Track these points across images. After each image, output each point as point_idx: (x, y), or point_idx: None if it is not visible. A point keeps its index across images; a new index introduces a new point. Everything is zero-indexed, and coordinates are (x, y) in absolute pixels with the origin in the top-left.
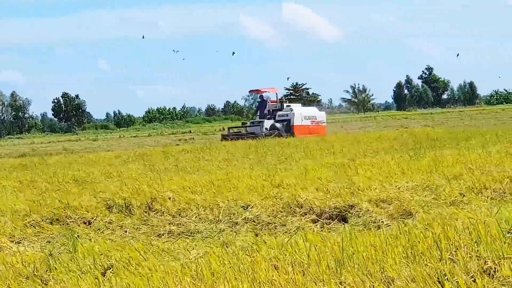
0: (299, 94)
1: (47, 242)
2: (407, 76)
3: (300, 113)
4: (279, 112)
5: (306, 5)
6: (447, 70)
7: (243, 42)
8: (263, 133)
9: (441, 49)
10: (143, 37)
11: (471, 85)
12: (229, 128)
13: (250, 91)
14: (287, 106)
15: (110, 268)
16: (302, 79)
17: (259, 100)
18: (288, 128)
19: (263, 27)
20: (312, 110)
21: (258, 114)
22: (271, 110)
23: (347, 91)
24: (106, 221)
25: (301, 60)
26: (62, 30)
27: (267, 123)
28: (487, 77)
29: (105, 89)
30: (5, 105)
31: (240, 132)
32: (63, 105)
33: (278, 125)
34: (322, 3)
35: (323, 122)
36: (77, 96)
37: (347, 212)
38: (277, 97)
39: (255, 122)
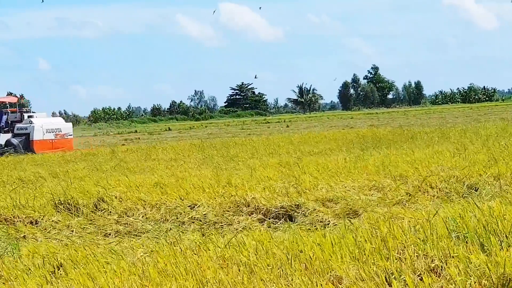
0: (244, 94)
1: None
2: (354, 74)
3: (41, 126)
4: (18, 125)
5: (242, 4)
6: (392, 70)
7: (182, 41)
8: None
9: (384, 49)
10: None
11: (418, 84)
12: None
13: None
14: (28, 117)
15: (59, 268)
16: (247, 79)
17: None
18: (27, 144)
19: (201, 27)
20: (56, 122)
21: None
22: (9, 122)
23: (293, 91)
24: (53, 221)
25: (244, 60)
26: None
27: (3, 138)
28: (434, 77)
29: (48, 89)
30: None
31: None
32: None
33: (14, 140)
34: (258, 3)
35: (70, 135)
36: (22, 96)
37: (293, 211)
38: (17, 106)
39: None
